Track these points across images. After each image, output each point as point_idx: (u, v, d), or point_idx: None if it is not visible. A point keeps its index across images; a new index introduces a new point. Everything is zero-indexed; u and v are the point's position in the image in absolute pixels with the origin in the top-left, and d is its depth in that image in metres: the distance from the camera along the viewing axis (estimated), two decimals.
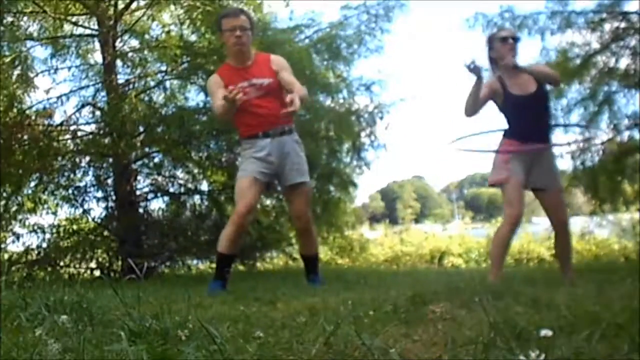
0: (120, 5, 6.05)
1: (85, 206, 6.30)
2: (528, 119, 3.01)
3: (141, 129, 6.16)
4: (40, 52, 6.19)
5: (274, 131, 3.16)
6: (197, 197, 6.75)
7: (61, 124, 6.15)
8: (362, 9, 6.37)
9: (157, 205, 6.72)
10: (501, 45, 3.08)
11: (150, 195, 6.59)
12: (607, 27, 5.81)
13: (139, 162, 6.49)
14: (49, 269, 5.87)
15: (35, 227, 6.24)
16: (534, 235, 10.09)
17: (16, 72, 5.82)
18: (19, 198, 6.12)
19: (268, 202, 6.84)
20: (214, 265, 7.23)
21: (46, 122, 6.07)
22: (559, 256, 3.28)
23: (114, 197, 6.27)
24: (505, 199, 3.01)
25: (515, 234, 3.12)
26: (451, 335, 1.21)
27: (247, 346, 1.15)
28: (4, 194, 5.93)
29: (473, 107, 3.08)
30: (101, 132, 6.23)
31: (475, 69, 2.94)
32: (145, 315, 1.33)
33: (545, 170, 3.06)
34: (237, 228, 3.11)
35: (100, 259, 6.24)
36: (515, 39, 3.15)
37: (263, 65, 3.23)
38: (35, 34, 6.12)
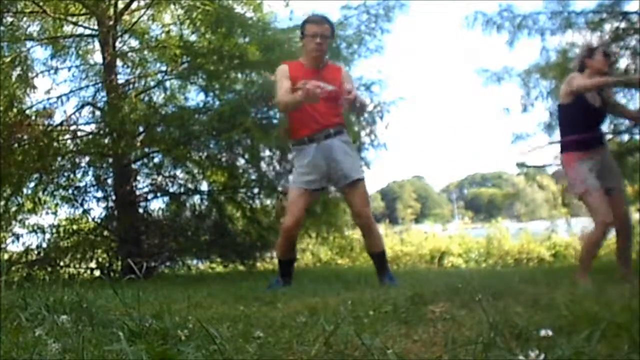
0: (120, 5, 6.05)
1: (85, 206, 6.30)
2: (593, 129, 3.25)
3: (141, 129, 6.16)
4: (40, 52, 6.21)
5: (319, 135, 3.21)
6: (197, 197, 6.75)
7: (61, 124, 6.15)
8: (362, 9, 6.36)
9: (157, 205, 6.72)
10: (603, 60, 3.23)
11: (150, 195, 6.58)
12: (607, 27, 5.80)
13: (139, 162, 6.49)
14: (49, 269, 5.87)
15: (35, 228, 6.24)
16: (534, 235, 10.08)
17: (16, 72, 5.82)
18: (19, 198, 6.12)
19: (268, 202, 6.84)
20: (214, 265, 7.30)
21: (46, 122, 6.07)
22: (618, 253, 3.36)
23: (113, 197, 6.27)
24: (592, 208, 3.14)
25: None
26: (451, 335, 1.21)
27: (247, 346, 1.15)
28: (4, 194, 5.92)
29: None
30: (101, 132, 6.23)
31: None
32: (145, 315, 1.33)
33: (610, 170, 3.26)
34: (287, 240, 3.29)
35: (100, 259, 6.24)
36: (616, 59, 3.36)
37: (334, 74, 3.32)
38: (35, 34, 6.12)
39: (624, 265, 3.26)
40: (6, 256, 6.11)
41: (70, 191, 6.22)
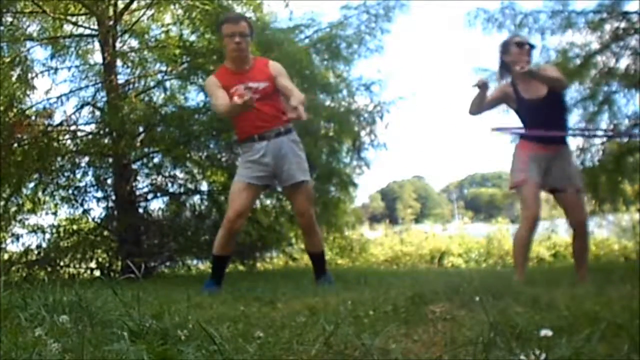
0: (120, 5, 6.05)
1: (85, 206, 6.30)
2: (542, 122, 3.06)
3: (141, 129, 6.16)
4: (40, 52, 6.22)
5: (270, 133, 3.20)
6: (196, 197, 6.75)
7: (61, 124, 6.15)
8: (362, 9, 6.36)
9: (157, 205, 6.73)
10: (517, 50, 3.13)
11: (150, 195, 6.59)
12: (607, 27, 5.80)
13: (139, 162, 6.49)
14: (49, 269, 5.87)
15: (35, 228, 6.24)
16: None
17: (16, 72, 5.82)
18: (19, 198, 6.12)
19: (268, 202, 6.84)
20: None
21: (46, 122, 6.07)
22: (574, 256, 3.27)
23: (113, 197, 6.27)
24: (522, 201, 3.06)
25: (535, 233, 3.13)
26: (451, 335, 1.21)
27: (247, 346, 1.15)
28: (4, 195, 5.92)
29: (477, 109, 3.17)
30: (101, 132, 6.23)
31: (483, 86, 3.08)
32: (145, 315, 1.33)
33: (563, 170, 3.11)
34: (227, 232, 3.22)
35: (100, 259, 6.24)
36: (531, 46, 3.23)
37: (260, 70, 3.28)
38: (35, 34, 6.12)
39: (577, 270, 3.14)
40: (6, 256, 6.11)
41: (70, 191, 6.22)
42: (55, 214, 6.39)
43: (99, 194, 6.35)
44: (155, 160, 6.52)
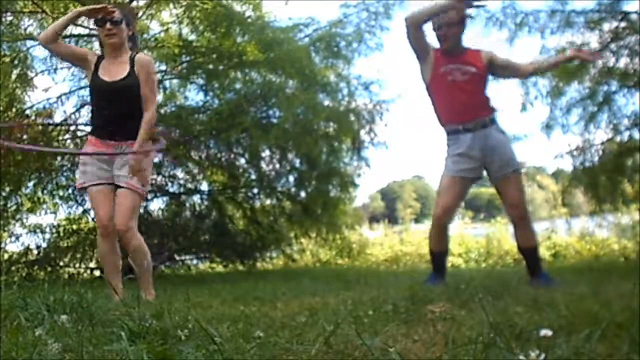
0: None
1: (85, 206, 6.30)
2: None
3: None
4: (40, 51, 6.20)
5: (475, 125, 3.13)
6: (197, 197, 6.75)
7: (61, 124, 6.15)
8: (362, 7, 6.35)
9: (157, 205, 6.72)
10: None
11: (150, 195, 6.58)
12: (606, 26, 5.81)
13: None
14: (49, 269, 5.87)
15: (35, 227, 6.24)
16: None
17: (16, 72, 5.82)
18: (18, 198, 6.11)
19: (268, 202, 6.84)
20: (214, 265, 7.30)
21: (46, 122, 6.06)
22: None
23: None
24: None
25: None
26: (451, 335, 1.21)
27: (247, 346, 1.15)
28: (3, 194, 5.92)
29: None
30: None
31: None
32: (145, 315, 1.33)
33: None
34: (437, 228, 3.22)
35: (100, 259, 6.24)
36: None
37: (474, 57, 3.27)
38: (35, 34, 6.11)
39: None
40: (6, 256, 6.11)
41: (69, 191, 6.22)
42: (54, 213, 6.39)
43: None
44: (155, 160, 6.51)
